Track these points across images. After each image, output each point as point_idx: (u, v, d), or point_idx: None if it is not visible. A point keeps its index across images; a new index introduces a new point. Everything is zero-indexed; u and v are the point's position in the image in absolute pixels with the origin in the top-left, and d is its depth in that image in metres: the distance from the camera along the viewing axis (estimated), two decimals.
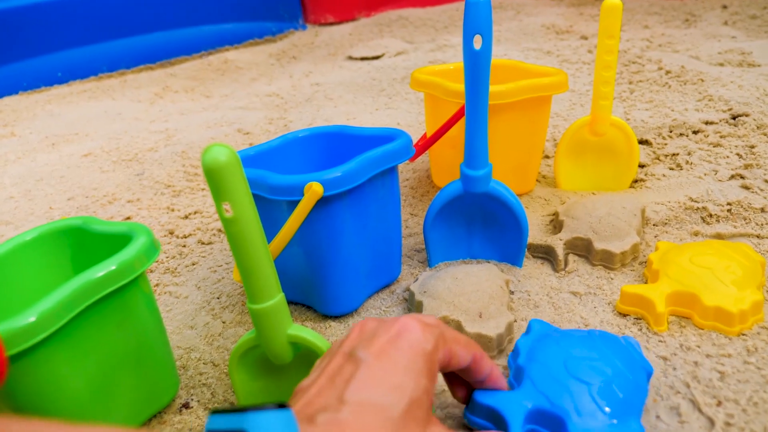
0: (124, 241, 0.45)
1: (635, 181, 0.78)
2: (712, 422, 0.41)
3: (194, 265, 0.72)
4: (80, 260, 0.50)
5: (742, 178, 0.75)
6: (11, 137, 1.33)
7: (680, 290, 0.51)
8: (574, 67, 1.38)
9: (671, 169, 0.81)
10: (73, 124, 1.39)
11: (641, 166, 0.82)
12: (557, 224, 0.67)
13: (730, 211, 0.68)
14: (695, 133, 0.91)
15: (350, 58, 1.80)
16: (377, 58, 1.76)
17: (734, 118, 0.93)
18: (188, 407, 0.49)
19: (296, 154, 0.64)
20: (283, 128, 1.20)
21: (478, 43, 0.51)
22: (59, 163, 1.13)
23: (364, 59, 1.77)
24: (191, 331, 0.59)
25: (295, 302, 0.61)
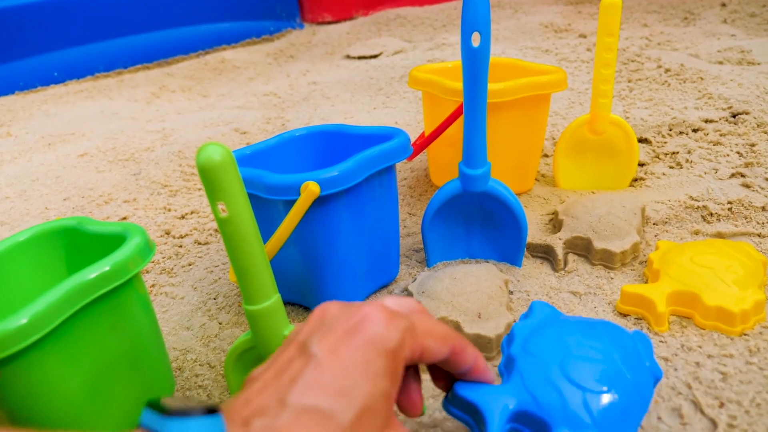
0: (118, 241, 0.45)
1: (635, 179, 0.78)
2: (714, 424, 0.40)
3: (191, 265, 0.71)
4: (74, 261, 0.49)
5: (742, 176, 0.75)
6: (7, 137, 1.33)
7: (681, 290, 0.51)
8: (572, 65, 1.37)
9: (671, 167, 0.81)
10: (69, 123, 1.38)
11: (641, 164, 0.82)
12: (556, 223, 0.67)
13: (730, 209, 0.67)
14: (695, 131, 0.90)
15: (348, 57, 1.80)
16: (375, 57, 1.75)
17: (734, 116, 0.93)
18: None
19: (293, 153, 0.63)
20: (280, 127, 1.19)
21: (476, 40, 0.51)
22: (55, 163, 1.12)
23: (361, 58, 1.76)
24: (187, 332, 0.59)
25: (291, 303, 0.60)
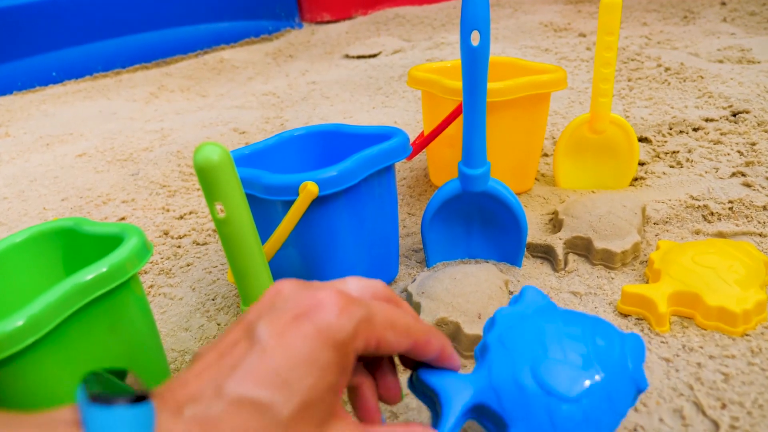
0: (115, 242, 0.44)
1: (635, 179, 0.77)
2: (716, 425, 0.40)
3: (189, 266, 0.71)
4: (72, 262, 0.49)
5: (743, 175, 0.74)
6: (5, 137, 1.32)
7: (682, 290, 0.51)
8: (572, 64, 1.37)
9: (671, 166, 0.80)
10: (67, 124, 1.38)
11: (641, 164, 0.82)
12: (557, 223, 0.66)
13: (731, 209, 0.67)
14: (695, 130, 0.90)
15: (347, 56, 1.79)
16: (374, 56, 1.75)
17: (735, 115, 0.92)
18: None
19: (292, 153, 0.63)
20: (279, 127, 1.19)
21: (475, 39, 0.50)
22: (53, 163, 1.12)
23: (360, 57, 1.76)
24: (186, 333, 0.58)
25: None
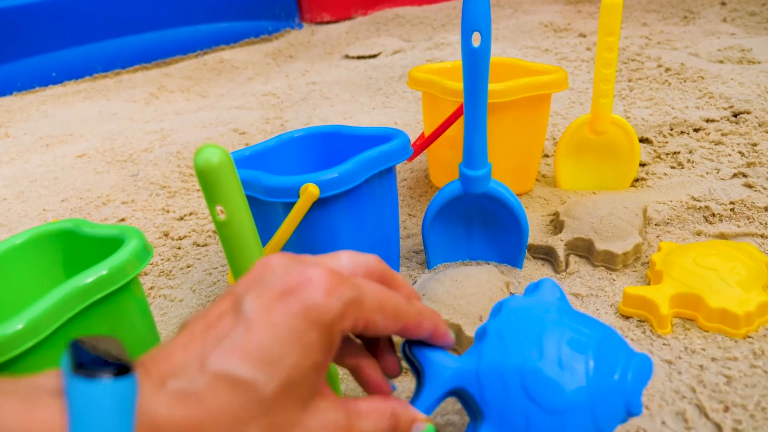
0: (115, 244, 0.44)
1: (636, 180, 0.77)
2: (719, 428, 0.40)
3: (189, 267, 0.70)
4: (72, 264, 0.49)
5: (744, 176, 0.74)
6: (5, 138, 1.32)
7: (684, 292, 0.50)
8: (572, 65, 1.37)
9: (672, 167, 0.80)
10: (67, 124, 1.38)
11: (642, 164, 0.81)
12: (558, 224, 0.66)
13: (733, 210, 0.67)
14: (696, 131, 0.90)
15: (347, 56, 1.79)
16: (374, 56, 1.75)
17: (735, 115, 0.92)
18: None
19: (292, 154, 0.63)
20: (279, 128, 1.19)
21: (476, 40, 0.50)
22: (53, 164, 1.11)
23: (360, 58, 1.75)
24: None
25: None
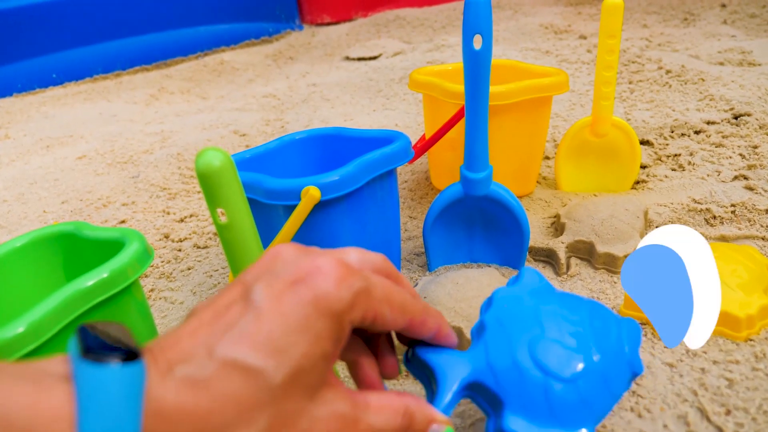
0: (116, 247, 0.44)
1: (637, 182, 0.77)
2: (721, 431, 0.40)
3: (190, 269, 0.70)
4: (72, 267, 0.49)
5: (745, 178, 0.74)
6: (5, 139, 1.32)
7: None
8: (573, 66, 1.37)
9: (673, 170, 0.80)
10: (67, 126, 1.38)
11: (643, 167, 0.81)
12: (559, 227, 0.66)
13: (734, 212, 0.67)
14: (697, 133, 0.90)
15: (347, 58, 1.79)
16: (374, 58, 1.75)
17: (736, 117, 0.92)
18: None
19: (293, 156, 0.63)
20: (279, 129, 1.19)
21: (478, 43, 0.50)
22: (53, 165, 1.11)
23: (361, 59, 1.76)
24: None
25: None
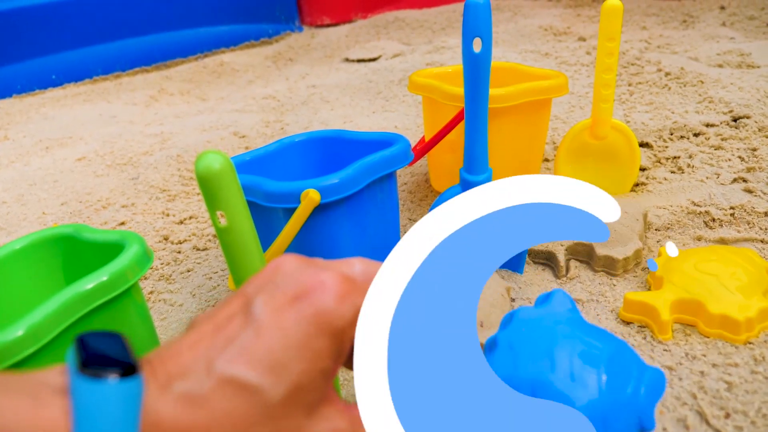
0: (116, 250, 0.44)
1: (636, 184, 0.77)
2: None
3: (189, 271, 0.70)
4: (72, 269, 0.49)
5: (744, 181, 0.74)
6: (4, 141, 1.32)
7: (685, 297, 0.50)
8: (572, 69, 1.37)
9: (672, 172, 0.80)
10: (67, 127, 1.38)
11: (642, 169, 0.81)
12: None
13: (733, 215, 0.67)
14: (696, 135, 0.90)
15: (347, 60, 1.79)
16: (374, 60, 1.75)
17: (735, 120, 0.92)
18: None
19: (293, 159, 0.63)
20: (279, 131, 1.19)
21: (477, 45, 0.50)
22: (53, 167, 1.11)
23: (360, 61, 1.76)
24: None
25: None
